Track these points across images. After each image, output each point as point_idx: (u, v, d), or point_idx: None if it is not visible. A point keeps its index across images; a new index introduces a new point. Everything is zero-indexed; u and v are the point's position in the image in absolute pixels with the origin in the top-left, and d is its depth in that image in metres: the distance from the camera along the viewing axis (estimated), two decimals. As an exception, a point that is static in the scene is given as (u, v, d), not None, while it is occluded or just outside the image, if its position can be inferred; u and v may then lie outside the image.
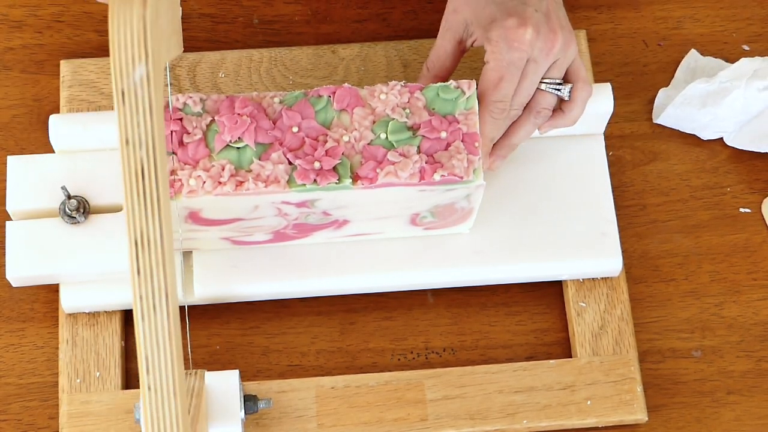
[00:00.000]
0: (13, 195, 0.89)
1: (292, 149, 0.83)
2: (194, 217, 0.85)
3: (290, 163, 0.82)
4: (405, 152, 0.83)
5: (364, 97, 0.84)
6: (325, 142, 0.83)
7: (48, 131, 0.91)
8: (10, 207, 0.89)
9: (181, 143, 0.82)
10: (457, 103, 0.85)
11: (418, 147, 0.83)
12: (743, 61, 0.97)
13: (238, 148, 0.83)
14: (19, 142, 0.96)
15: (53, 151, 0.92)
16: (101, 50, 0.99)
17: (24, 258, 0.88)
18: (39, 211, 0.89)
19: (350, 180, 0.82)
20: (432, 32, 1.00)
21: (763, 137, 0.96)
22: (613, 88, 0.95)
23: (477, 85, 0.85)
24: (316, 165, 0.82)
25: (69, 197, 0.89)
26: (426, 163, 0.83)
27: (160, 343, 0.67)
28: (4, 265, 0.90)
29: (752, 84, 0.96)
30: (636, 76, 1.00)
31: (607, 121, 0.94)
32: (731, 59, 0.99)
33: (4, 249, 0.90)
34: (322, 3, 1.02)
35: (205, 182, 0.82)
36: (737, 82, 0.96)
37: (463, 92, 0.85)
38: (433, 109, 0.85)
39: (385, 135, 0.83)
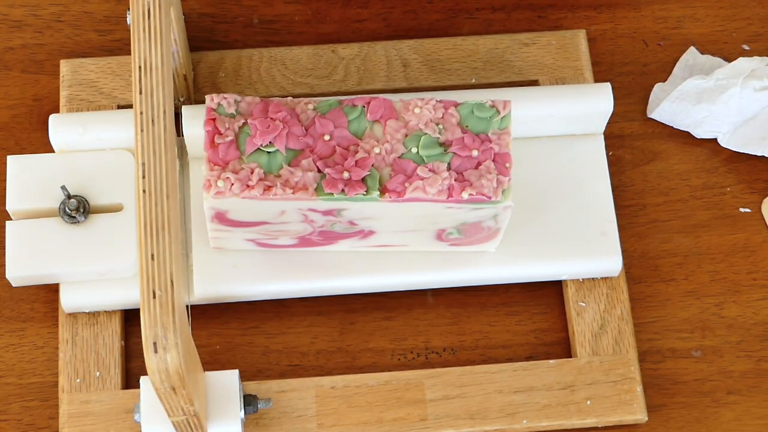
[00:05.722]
0: (13, 195, 0.89)
1: (323, 157, 0.82)
2: (220, 218, 0.85)
3: (320, 171, 0.82)
4: (435, 168, 0.82)
5: (399, 110, 0.84)
6: (356, 152, 0.82)
7: (48, 131, 0.91)
8: (10, 207, 0.89)
9: (212, 143, 0.82)
10: (491, 122, 0.84)
11: (449, 164, 0.83)
12: (741, 60, 0.97)
13: (269, 152, 0.82)
14: (19, 141, 0.96)
15: (53, 151, 0.92)
16: (101, 50, 0.99)
17: (24, 258, 0.88)
18: (39, 210, 0.89)
19: (378, 192, 0.82)
20: (432, 32, 1.00)
21: (759, 140, 0.96)
22: (612, 88, 0.95)
23: None
24: (345, 175, 0.82)
25: (69, 197, 0.88)
26: (455, 180, 0.82)
27: (156, 151, 0.72)
28: (4, 265, 0.90)
29: (749, 83, 0.96)
30: (636, 76, 1.00)
31: (606, 121, 0.94)
32: (731, 59, 0.99)
33: (4, 249, 0.90)
34: (322, 3, 1.02)
35: (233, 184, 0.81)
36: (734, 80, 0.96)
37: (498, 111, 0.84)
38: (467, 126, 0.84)
39: (416, 149, 0.83)
